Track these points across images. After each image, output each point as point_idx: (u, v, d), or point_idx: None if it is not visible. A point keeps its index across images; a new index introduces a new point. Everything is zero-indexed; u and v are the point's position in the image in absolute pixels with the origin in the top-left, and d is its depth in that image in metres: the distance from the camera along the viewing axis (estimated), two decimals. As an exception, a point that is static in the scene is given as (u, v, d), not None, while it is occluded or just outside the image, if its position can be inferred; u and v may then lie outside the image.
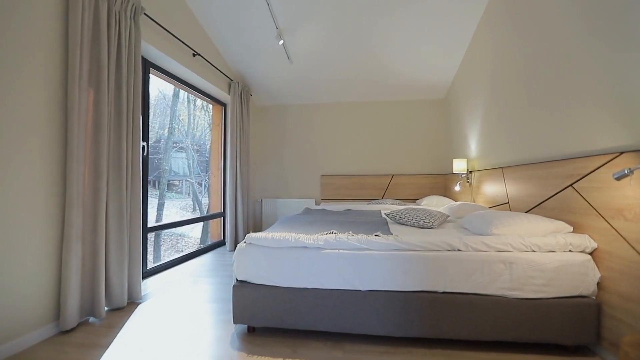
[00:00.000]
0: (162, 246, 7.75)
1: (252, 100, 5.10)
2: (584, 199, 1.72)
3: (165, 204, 8.46)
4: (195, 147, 9.25)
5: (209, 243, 4.46)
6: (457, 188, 3.68)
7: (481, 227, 1.95)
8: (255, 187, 5.25)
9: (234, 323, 1.86)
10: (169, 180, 8.97)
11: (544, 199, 2.09)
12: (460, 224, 2.38)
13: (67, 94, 1.92)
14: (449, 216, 2.61)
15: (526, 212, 2.22)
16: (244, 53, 4.04)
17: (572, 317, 1.59)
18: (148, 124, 2.93)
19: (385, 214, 2.72)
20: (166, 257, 7.50)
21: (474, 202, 3.42)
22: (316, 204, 5.15)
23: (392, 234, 1.99)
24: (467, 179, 3.59)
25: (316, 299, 1.76)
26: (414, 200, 4.89)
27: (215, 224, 4.65)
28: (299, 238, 1.81)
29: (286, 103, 5.31)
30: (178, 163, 9.27)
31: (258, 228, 5.23)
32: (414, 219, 2.40)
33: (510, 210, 2.57)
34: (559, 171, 1.94)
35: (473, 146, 3.58)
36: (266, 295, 1.81)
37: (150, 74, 3.02)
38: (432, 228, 2.33)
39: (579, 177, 1.75)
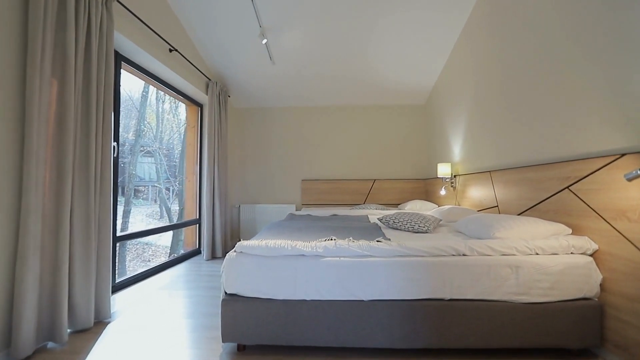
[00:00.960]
0: (127, 256, 7.21)
1: (230, 101, 4.88)
2: (582, 200, 1.72)
3: (132, 211, 7.92)
4: (164, 152, 8.78)
5: (182, 252, 4.16)
6: (442, 192, 3.69)
7: (481, 230, 1.91)
8: (232, 192, 5.01)
9: (222, 342, 1.67)
10: (135, 186, 8.44)
11: (538, 202, 2.10)
12: (454, 228, 2.35)
13: (26, 84, 1.66)
14: (441, 220, 2.58)
15: (518, 215, 2.22)
16: (224, 51, 3.84)
17: (576, 320, 1.57)
18: (119, 123, 2.67)
19: (377, 218, 2.64)
20: (132, 268, 6.96)
21: (459, 205, 3.44)
22: (297, 210, 5.00)
23: (389, 239, 1.90)
24: (452, 183, 3.62)
25: (315, 311, 1.62)
26: (396, 205, 4.88)
27: (190, 231, 4.36)
28: (296, 245, 1.67)
29: (266, 105, 5.15)
30: (145, 168, 8.77)
31: (236, 235, 4.98)
32: (409, 224, 2.34)
33: (499, 213, 2.58)
34: (554, 173, 1.95)
35: (457, 151, 3.62)
36: (259, 309, 1.64)
37: (122, 69, 2.75)
38: (427, 232, 2.27)
39: (576, 180, 1.76)
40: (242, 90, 4.67)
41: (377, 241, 1.73)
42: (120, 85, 2.66)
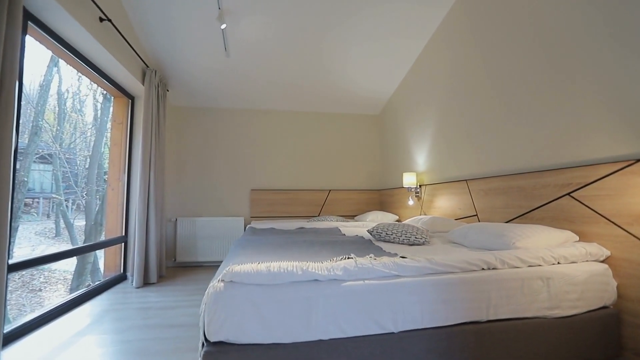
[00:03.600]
0: (8, 287, 5.54)
1: (168, 97, 4.16)
2: (588, 207, 1.72)
3: (18, 229, 6.24)
4: (67, 157, 7.22)
5: (87, 280, 3.27)
6: (410, 202, 3.62)
7: (491, 240, 1.77)
8: (167, 203, 4.22)
9: (204, 414, 1.16)
10: (24, 198, 6.73)
11: (530, 210, 2.08)
12: (448, 239, 2.21)
13: None
14: (428, 230, 2.43)
15: (506, 223, 2.18)
16: (168, 33, 3.21)
17: (599, 330, 1.52)
18: (20, 105, 1.90)
19: (367, 230, 2.36)
20: (15, 302, 5.38)
21: (425, 215, 3.40)
22: (246, 223, 4.46)
23: (385, 253, 1.65)
24: (416, 192, 3.58)
25: (337, 354, 1.24)
26: (352, 217, 4.71)
27: (113, 252, 3.47)
28: (308, 268, 1.28)
29: (211, 105, 4.55)
30: (36, 176, 7.08)
31: (171, 255, 4.18)
32: (404, 235, 2.12)
33: (479, 221, 2.55)
34: (549, 180, 1.95)
35: (420, 160, 3.61)
36: (261, 360, 1.19)
37: (27, 34, 1.99)
38: (424, 244, 2.08)
39: (579, 186, 1.76)
40: (184, 84, 4.02)
41: (401, 257, 1.45)
42: (25, 53, 1.91)
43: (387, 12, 3.05)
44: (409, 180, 3.53)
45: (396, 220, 4.09)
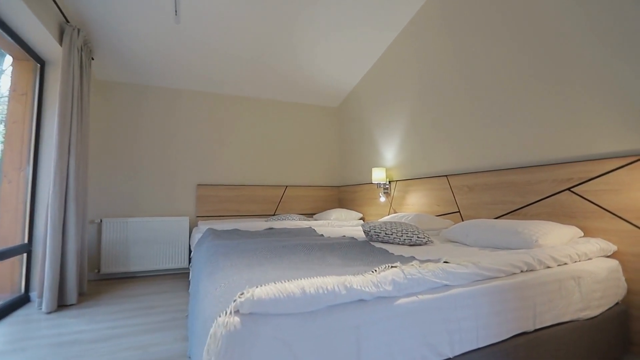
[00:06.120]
0: None
1: (93, 67, 3.32)
2: (591, 202, 1.72)
3: None
4: None
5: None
6: (382, 199, 3.47)
7: (503, 239, 1.67)
8: (90, 201, 3.37)
9: None
10: None
11: (523, 205, 2.06)
12: (446, 237, 2.07)
13: None
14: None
15: (496, 219, 2.14)
16: (98, -17, 2.49)
17: (616, 327, 1.50)
18: None
19: (364, 230, 2.08)
20: None
21: (395, 212, 3.29)
22: (191, 224, 3.84)
23: (408, 257, 1.43)
24: (385, 189, 3.45)
25: (391, 396, 0.94)
26: (311, 215, 4.43)
27: (8, 266, 2.60)
28: (352, 284, 0.95)
29: (148, 83, 3.79)
30: None
31: (94, 265, 3.36)
32: (405, 235, 1.91)
33: (462, 218, 2.50)
34: (546, 175, 1.93)
35: (390, 156, 3.49)
36: (298, 422, 0.83)
37: None
38: (426, 245, 1.90)
39: (581, 181, 1.76)
40: (115, 52, 3.23)
41: (445, 262, 1.21)
42: None
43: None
44: (378, 175, 3.38)
45: (360, 219, 3.93)
